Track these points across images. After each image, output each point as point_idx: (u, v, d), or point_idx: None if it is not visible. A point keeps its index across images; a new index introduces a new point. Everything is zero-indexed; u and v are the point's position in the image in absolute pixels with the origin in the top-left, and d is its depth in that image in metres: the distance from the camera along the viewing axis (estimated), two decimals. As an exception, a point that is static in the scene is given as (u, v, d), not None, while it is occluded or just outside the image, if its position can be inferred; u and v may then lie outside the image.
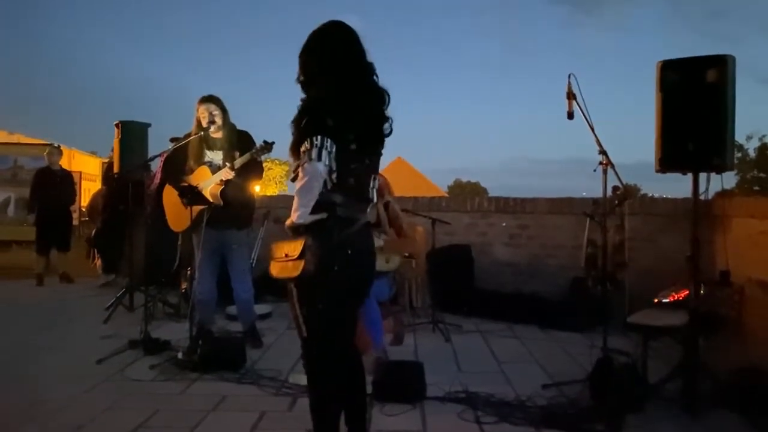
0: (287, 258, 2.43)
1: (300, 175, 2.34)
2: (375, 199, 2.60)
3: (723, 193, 5.79)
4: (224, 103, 4.71)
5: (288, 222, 2.38)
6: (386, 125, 2.56)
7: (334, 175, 2.37)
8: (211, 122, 4.59)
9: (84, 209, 13.70)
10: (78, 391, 3.77)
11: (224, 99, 4.71)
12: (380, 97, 2.54)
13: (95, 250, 8.56)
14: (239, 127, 4.78)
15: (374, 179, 2.57)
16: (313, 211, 2.36)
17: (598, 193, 3.94)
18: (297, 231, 2.38)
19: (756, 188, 26.26)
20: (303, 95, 2.53)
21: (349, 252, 2.42)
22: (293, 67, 2.57)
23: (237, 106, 4.89)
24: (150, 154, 5.97)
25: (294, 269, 2.40)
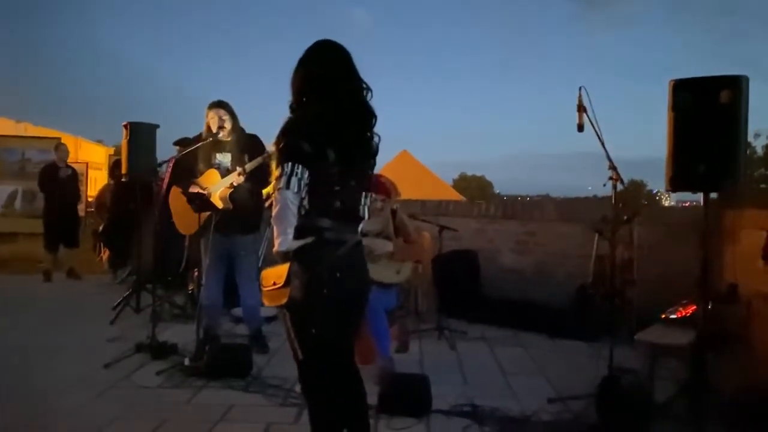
0: (275, 286, 2.41)
1: (274, 202, 2.35)
2: (367, 216, 2.60)
3: (729, 197, 5.75)
4: (233, 107, 4.75)
5: (274, 249, 2.38)
6: (373, 144, 2.55)
7: (305, 201, 2.35)
8: (221, 127, 4.62)
9: (91, 200, 13.71)
10: (86, 399, 3.79)
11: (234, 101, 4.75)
12: (365, 117, 2.53)
13: (101, 244, 8.62)
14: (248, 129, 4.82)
15: (365, 197, 2.57)
16: (300, 236, 2.35)
17: (603, 191, 3.97)
18: (285, 257, 2.38)
19: (762, 186, 26.08)
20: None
21: (338, 274, 2.41)
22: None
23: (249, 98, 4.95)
24: (158, 155, 5.98)
25: (282, 297, 2.38)
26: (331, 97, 2.46)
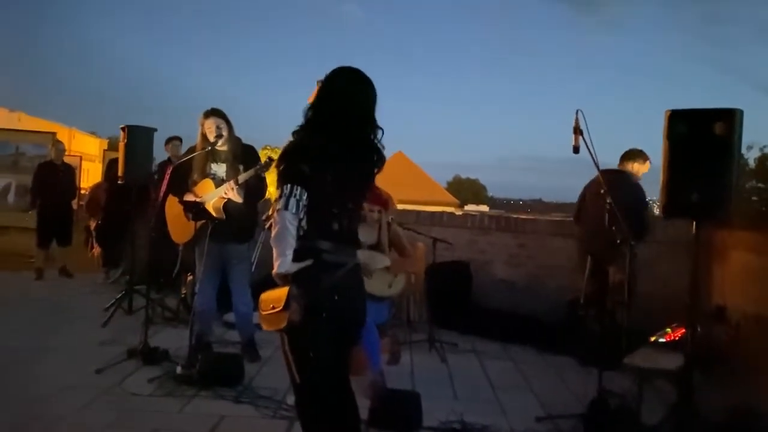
0: (274, 310, 2.41)
1: (273, 223, 2.38)
2: (362, 240, 2.64)
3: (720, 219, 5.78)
4: (228, 116, 4.75)
5: (273, 271, 2.40)
6: (373, 179, 2.63)
7: (303, 222, 2.39)
8: (219, 136, 4.63)
9: (84, 193, 13.61)
10: (77, 406, 3.77)
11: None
12: (370, 153, 2.57)
13: (93, 239, 8.60)
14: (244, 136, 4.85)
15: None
16: (299, 258, 2.37)
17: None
18: (284, 279, 2.40)
19: (754, 198, 26.21)
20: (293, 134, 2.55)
21: (336, 297, 2.44)
22: (286, 63, 2.58)
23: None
24: (155, 159, 6.00)
25: (281, 321, 2.38)
26: (342, 131, 2.47)
